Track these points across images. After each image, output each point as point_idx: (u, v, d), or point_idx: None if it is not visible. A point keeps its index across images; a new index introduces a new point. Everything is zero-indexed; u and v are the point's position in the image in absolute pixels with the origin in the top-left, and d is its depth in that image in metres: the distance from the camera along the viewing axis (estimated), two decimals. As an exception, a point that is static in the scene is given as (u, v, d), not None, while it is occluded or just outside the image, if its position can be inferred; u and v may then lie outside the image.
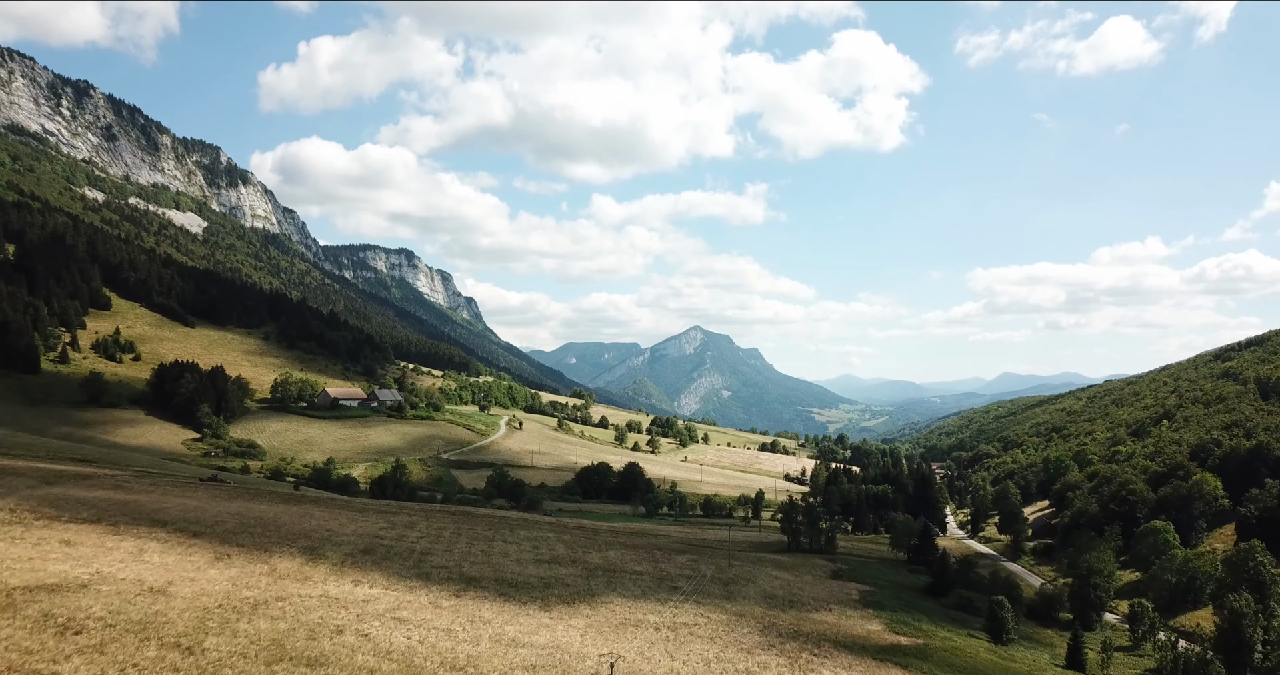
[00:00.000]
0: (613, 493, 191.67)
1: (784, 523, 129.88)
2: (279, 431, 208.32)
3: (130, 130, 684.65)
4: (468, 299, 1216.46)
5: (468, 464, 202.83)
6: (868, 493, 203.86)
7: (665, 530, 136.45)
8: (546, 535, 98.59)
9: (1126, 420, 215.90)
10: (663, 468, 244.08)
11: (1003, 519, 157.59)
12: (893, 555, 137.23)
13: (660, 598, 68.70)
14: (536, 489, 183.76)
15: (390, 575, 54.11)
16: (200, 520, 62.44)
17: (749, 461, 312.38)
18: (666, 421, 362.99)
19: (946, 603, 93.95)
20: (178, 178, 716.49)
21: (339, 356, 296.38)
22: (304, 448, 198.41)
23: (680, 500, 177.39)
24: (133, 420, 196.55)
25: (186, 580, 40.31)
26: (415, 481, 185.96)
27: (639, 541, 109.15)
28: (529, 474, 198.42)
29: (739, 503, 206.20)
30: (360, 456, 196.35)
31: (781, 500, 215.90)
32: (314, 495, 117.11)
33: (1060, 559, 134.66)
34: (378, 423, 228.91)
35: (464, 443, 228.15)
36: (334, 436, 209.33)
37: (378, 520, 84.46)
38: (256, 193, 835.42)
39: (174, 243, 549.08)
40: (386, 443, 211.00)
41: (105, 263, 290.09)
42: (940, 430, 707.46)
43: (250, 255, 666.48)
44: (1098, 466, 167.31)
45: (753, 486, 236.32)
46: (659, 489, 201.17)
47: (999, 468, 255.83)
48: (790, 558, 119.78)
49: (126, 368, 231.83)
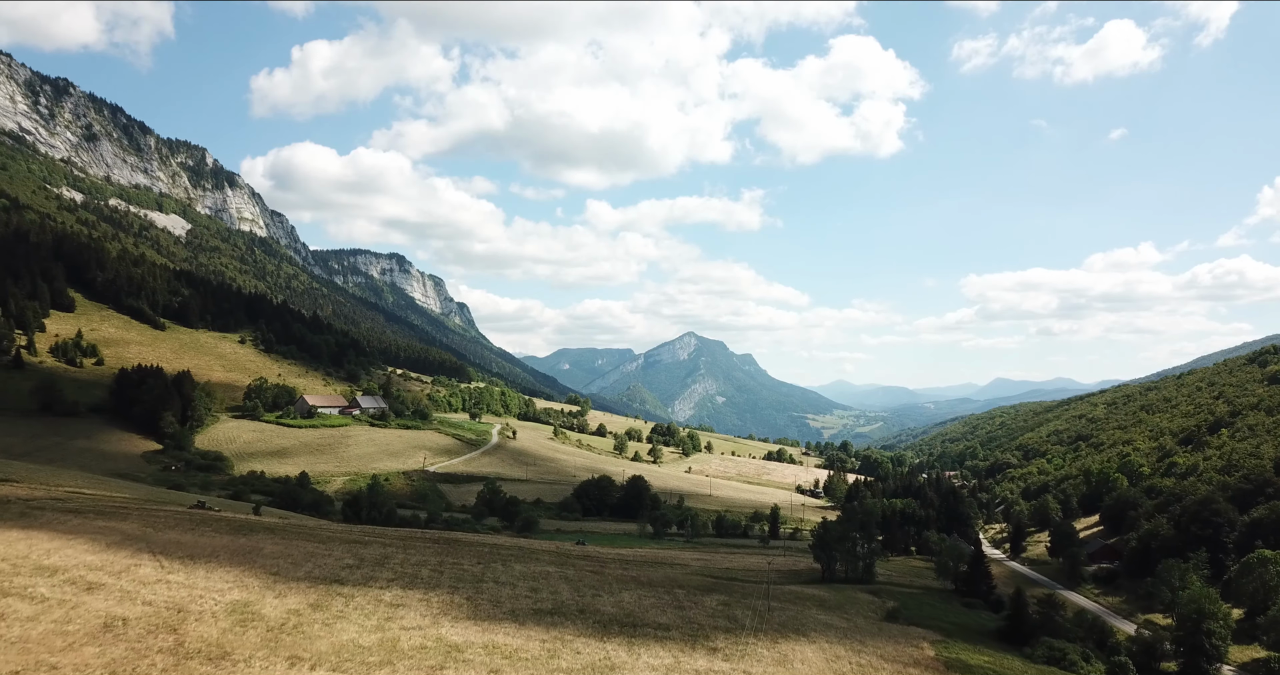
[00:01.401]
0: (616, 509, 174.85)
1: (818, 549, 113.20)
2: (250, 443, 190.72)
3: (112, 130, 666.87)
4: (460, 304, 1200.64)
5: (456, 478, 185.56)
6: (893, 509, 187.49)
7: (680, 557, 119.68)
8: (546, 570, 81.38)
9: (1171, 428, 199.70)
10: (667, 479, 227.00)
11: (1055, 540, 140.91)
12: (938, 584, 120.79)
13: (697, 668, 51.83)
14: (532, 506, 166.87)
15: (342, 651, 37.34)
16: (104, 567, 45.37)
17: (756, 472, 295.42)
18: (668, 429, 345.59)
19: (1034, 656, 77.29)
20: (161, 179, 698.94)
21: (321, 361, 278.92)
22: (276, 461, 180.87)
23: (691, 519, 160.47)
24: (88, 430, 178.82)
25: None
26: (399, 495, 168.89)
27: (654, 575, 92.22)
28: (523, 489, 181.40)
29: (753, 519, 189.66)
30: (338, 470, 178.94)
31: (798, 515, 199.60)
32: (272, 521, 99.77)
33: (1136, 589, 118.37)
34: (359, 433, 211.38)
35: (453, 454, 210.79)
36: (310, 448, 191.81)
37: (343, 555, 67.01)
38: (244, 195, 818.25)
39: (154, 244, 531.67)
40: (368, 455, 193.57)
41: (72, 262, 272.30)
42: (943, 437, 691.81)
43: (235, 258, 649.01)
44: (1155, 481, 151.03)
45: (764, 500, 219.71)
46: (665, 504, 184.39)
47: (1025, 479, 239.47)
48: (830, 592, 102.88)
49: (88, 373, 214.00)
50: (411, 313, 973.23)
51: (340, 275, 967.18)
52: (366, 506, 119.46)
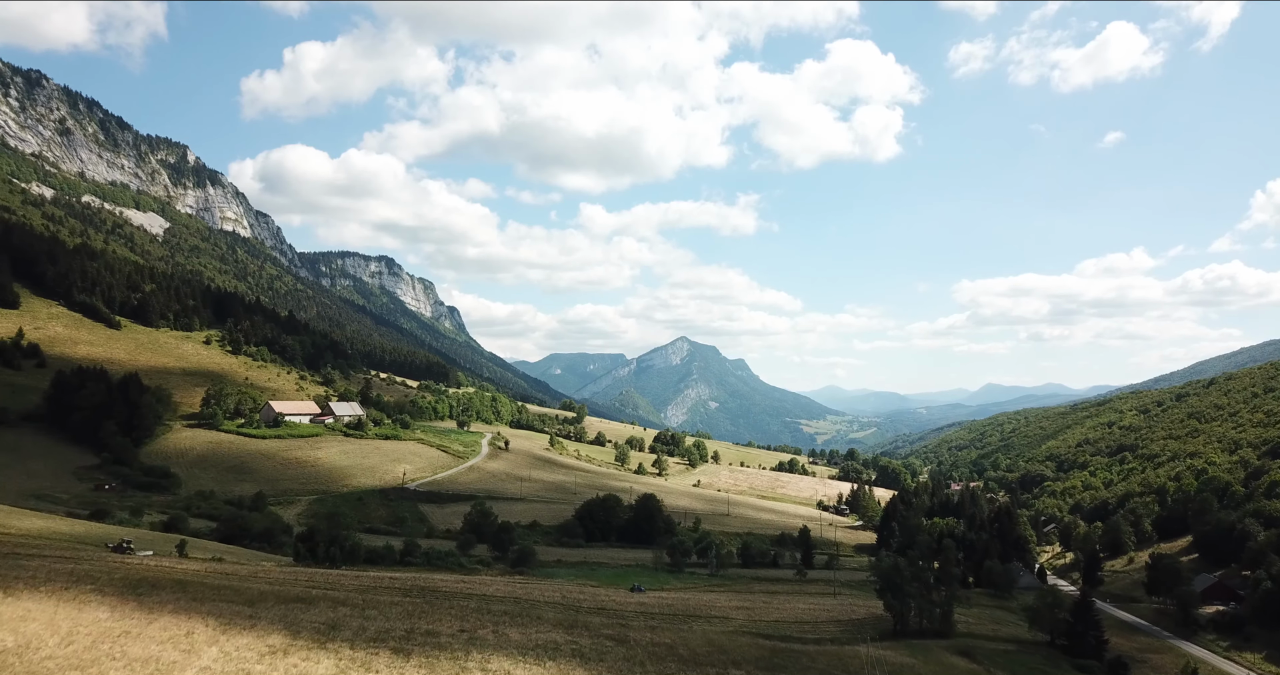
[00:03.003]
0: (624, 533, 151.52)
1: (887, 594, 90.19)
2: (205, 456, 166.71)
3: (87, 124, 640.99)
4: (451, 308, 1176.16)
5: (441, 496, 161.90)
6: (941, 532, 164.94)
7: (715, 603, 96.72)
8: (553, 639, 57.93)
9: (1248, 439, 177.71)
10: (676, 496, 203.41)
11: (1153, 577, 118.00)
12: (1030, 635, 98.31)
13: None
14: (527, 530, 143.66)
15: None
16: None
17: (769, 485, 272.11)
18: (671, 438, 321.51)
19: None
20: (139, 176, 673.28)
21: (295, 364, 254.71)
22: (233, 477, 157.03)
23: (715, 547, 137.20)
24: (14, 443, 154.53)
25: None
26: (373, 519, 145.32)
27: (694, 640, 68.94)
28: (518, 509, 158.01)
29: (778, 543, 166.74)
30: (304, 488, 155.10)
31: (827, 536, 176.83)
32: (191, 569, 76.36)
33: (1277, 641, 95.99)
34: (331, 444, 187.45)
35: (437, 467, 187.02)
36: (273, 462, 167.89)
37: (268, 630, 42.98)
38: (227, 195, 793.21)
39: (128, 242, 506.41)
40: (339, 469, 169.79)
41: (20, 254, 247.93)
42: (947, 443, 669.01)
43: (216, 258, 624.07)
44: (1260, 503, 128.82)
45: (787, 520, 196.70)
46: (680, 526, 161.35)
47: (1070, 494, 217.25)
48: (914, 655, 79.49)
49: (28, 376, 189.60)
50: (401, 316, 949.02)
51: (328, 278, 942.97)
52: (325, 542, 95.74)
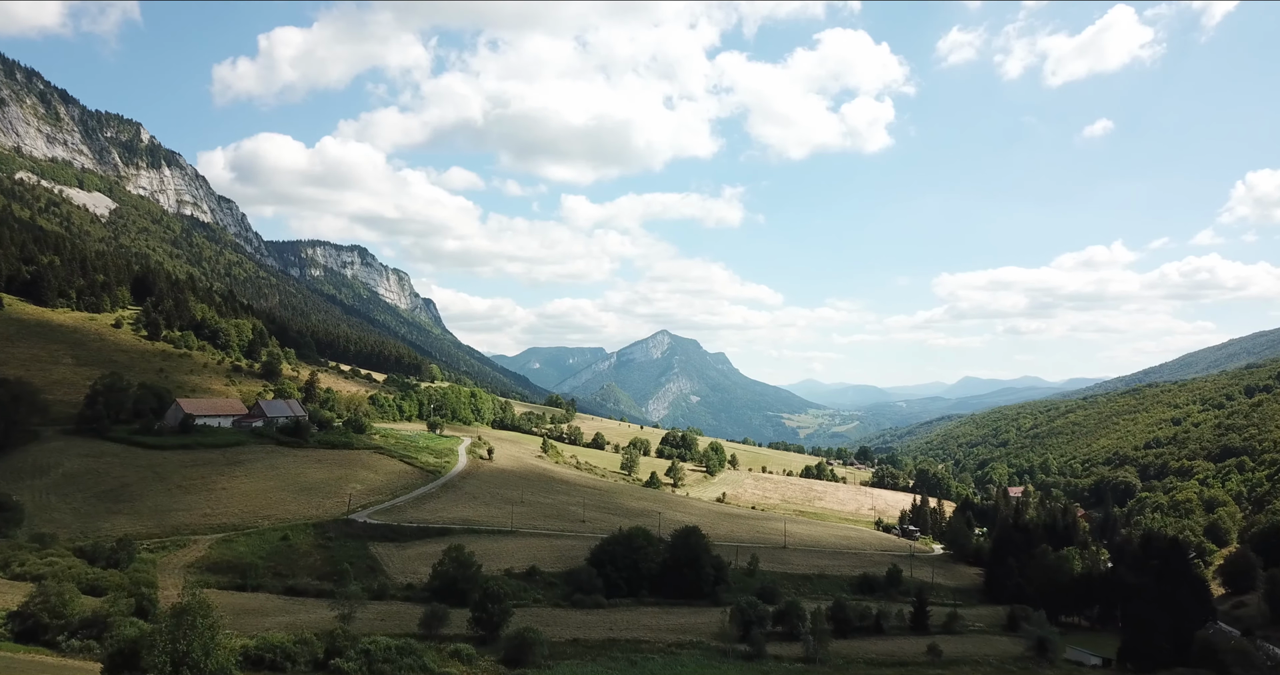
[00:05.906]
0: (659, 583, 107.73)
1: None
2: (73, 476, 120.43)
3: (25, 96, 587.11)
4: (426, 300, 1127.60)
5: (402, 531, 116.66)
6: (1077, 571, 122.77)
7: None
8: None
9: None
10: (703, 515, 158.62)
11: None
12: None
13: None
14: (524, 580, 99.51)
15: None
16: None
17: (803, 496, 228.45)
18: (682, 439, 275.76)
19: None
20: (84, 154, 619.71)
21: (229, 352, 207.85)
22: (105, 507, 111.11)
23: (797, 612, 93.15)
24: None
25: None
26: (302, 569, 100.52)
27: None
28: (509, 548, 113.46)
29: (861, 589, 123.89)
30: (207, 522, 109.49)
31: (920, 576, 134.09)
32: None
33: None
34: (256, 456, 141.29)
35: (399, 488, 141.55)
36: (168, 484, 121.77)
37: None
38: (185, 177, 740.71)
39: (64, 222, 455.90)
40: (263, 493, 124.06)
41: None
42: (959, 441, 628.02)
43: (167, 241, 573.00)
44: None
45: (848, 545, 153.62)
46: (732, 569, 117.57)
47: (1186, 510, 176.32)
48: None
49: None
50: (375, 309, 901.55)
51: (297, 267, 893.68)
52: (166, 658, 50.19)
